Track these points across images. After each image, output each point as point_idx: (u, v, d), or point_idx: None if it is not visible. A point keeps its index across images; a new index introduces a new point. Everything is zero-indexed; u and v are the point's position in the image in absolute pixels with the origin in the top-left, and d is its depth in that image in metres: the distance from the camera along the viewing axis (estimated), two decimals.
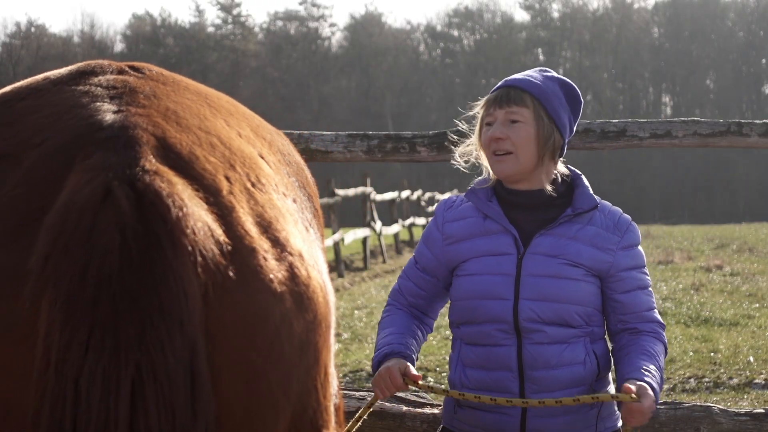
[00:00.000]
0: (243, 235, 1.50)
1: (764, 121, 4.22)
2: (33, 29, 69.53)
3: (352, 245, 21.72)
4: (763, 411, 3.92)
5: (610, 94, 73.90)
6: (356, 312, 11.72)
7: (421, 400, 3.91)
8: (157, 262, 1.37)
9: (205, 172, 1.55)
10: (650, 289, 2.95)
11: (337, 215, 19.19)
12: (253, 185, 1.61)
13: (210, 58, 71.21)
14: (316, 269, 1.63)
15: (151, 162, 1.47)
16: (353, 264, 20.03)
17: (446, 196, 3.05)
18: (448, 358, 3.08)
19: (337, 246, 17.89)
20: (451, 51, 76.13)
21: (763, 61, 74.49)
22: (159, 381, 1.34)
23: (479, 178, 3.02)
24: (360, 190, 21.40)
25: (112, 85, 1.72)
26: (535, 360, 2.83)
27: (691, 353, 8.44)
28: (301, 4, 76.22)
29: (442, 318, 11.28)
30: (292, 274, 1.54)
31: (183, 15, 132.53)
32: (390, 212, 25.36)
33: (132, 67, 1.88)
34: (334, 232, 18.42)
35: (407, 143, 4.14)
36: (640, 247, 2.97)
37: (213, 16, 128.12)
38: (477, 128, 2.97)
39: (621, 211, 2.99)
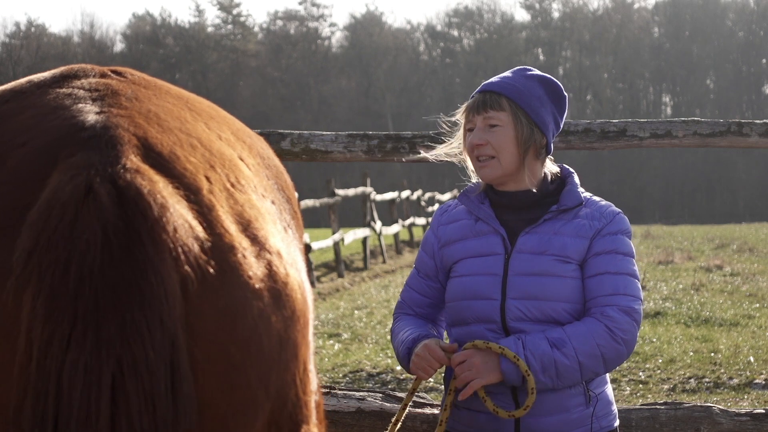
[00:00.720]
0: (222, 232, 1.53)
1: (764, 121, 4.22)
2: (33, 29, 69.51)
3: (352, 245, 21.73)
4: (763, 411, 3.92)
5: (610, 94, 73.89)
6: (356, 312, 11.72)
7: (421, 401, 3.91)
8: (138, 257, 1.40)
9: (186, 171, 1.58)
10: (628, 276, 2.84)
11: (337, 215, 19.19)
12: (233, 185, 1.65)
13: (210, 58, 71.19)
14: (295, 268, 1.66)
15: (132, 160, 1.50)
16: (353, 264, 20.03)
17: (447, 196, 3.08)
18: None
19: (337, 246, 17.88)
20: (451, 51, 76.12)
21: (763, 61, 74.48)
22: (139, 375, 1.37)
23: (471, 183, 3.04)
24: (360, 190, 21.40)
25: (95, 88, 1.76)
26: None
27: (692, 353, 8.44)
28: (300, 3, 76.23)
29: None
30: (271, 272, 1.58)
31: (183, 15, 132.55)
32: (390, 212, 25.36)
33: (114, 71, 1.92)
34: (334, 232, 18.42)
35: (407, 143, 4.14)
36: (627, 237, 2.91)
37: (213, 16, 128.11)
38: (461, 134, 2.99)
39: (612, 204, 2.97)
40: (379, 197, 23.28)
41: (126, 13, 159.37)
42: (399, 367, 8.10)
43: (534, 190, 2.90)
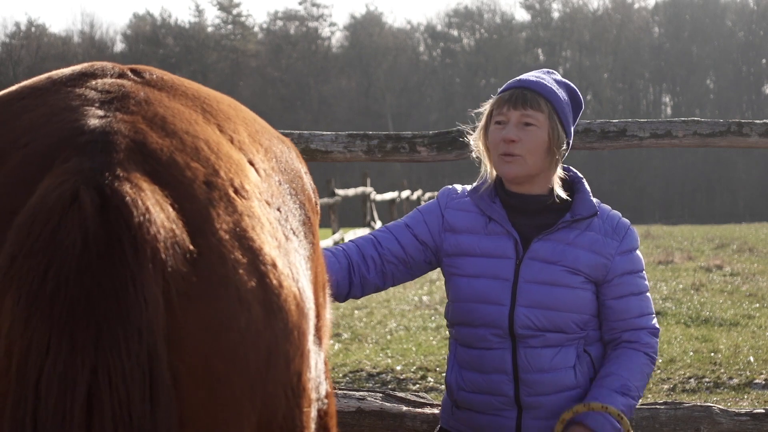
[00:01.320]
0: (213, 243, 1.51)
1: (764, 121, 4.22)
2: (33, 29, 69.50)
3: None
4: (763, 411, 3.92)
5: (610, 94, 73.88)
6: (356, 312, 11.72)
7: (421, 400, 3.91)
8: (118, 266, 1.39)
9: (183, 179, 1.56)
10: (646, 294, 2.92)
11: (337, 215, 19.20)
12: (236, 192, 1.62)
13: (210, 58, 71.20)
14: (291, 278, 1.63)
15: (123, 168, 1.49)
16: None
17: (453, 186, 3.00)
18: (447, 358, 3.06)
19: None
20: (451, 51, 76.10)
21: (763, 61, 74.47)
22: (115, 386, 1.35)
23: (478, 180, 2.99)
24: (360, 190, 21.41)
25: (107, 90, 1.74)
26: (528, 363, 2.82)
27: (691, 353, 8.44)
28: (300, 3, 76.22)
29: (442, 318, 11.26)
30: (263, 283, 1.55)
31: (183, 15, 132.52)
32: (390, 212, 25.37)
33: (133, 71, 1.90)
34: (334, 232, 18.43)
35: (407, 143, 4.14)
36: (638, 252, 2.95)
37: (213, 16, 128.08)
38: (482, 124, 2.92)
39: (620, 215, 2.97)
40: (379, 197, 23.29)
41: (126, 13, 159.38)
42: (399, 367, 8.10)
43: (546, 195, 2.88)
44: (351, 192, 21.18)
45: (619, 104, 73.84)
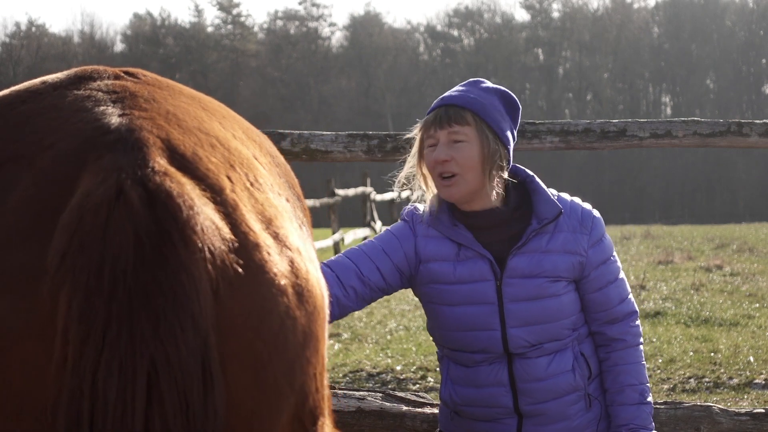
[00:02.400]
0: (247, 231, 1.56)
1: (764, 121, 4.22)
2: (33, 29, 69.48)
3: (352, 245, 21.66)
4: (763, 411, 3.92)
5: (610, 94, 73.87)
6: (356, 312, 11.72)
7: (422, 400, 3.91)
8: (170, 259, 1.43)
9: (209, 172, 1.61)
10: (621, 277, 2.90)
11: (337, 215, 19.19)
12: (252, 185, 1.67)
13: (210, 58, 71.18)
14: (313, 264, 1.70)
15: (159, 163, 1.53)
16: None
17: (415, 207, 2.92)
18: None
19: (337, 246, 17.88)
20: (451, 51, 76.09)
21: (763, 61, 74.47)
22: (173, 374, 1.39)
23: (423, 205, 2.90)
24: (360, 190, 21.40)
25: (112, 90, 1.78)
26: (525, 373, 2.81)
27: (691, 353, 8.44)
28: (300, 3, 76.21)
29: None
30: (293, 268, 1.61)
31: (183, 15, 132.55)
32: (390, 212, 25.35)
33: (126, 72, 1.94)
34: (334, 232, 18.42)
35: (407, 143, 4.13)
36: (606, 234, 2.91)
37: (213, 16, 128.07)
38: (415, 149, 2.85)
39: (580, 202, 2.91)
40: (379, 197, 23.28)
41: (126, 13, 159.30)
42: (399, 367, 8.10)
43: (502, 207, 2.81)
44: (351, 192, 21.17)
45: (619, 104, 73.82)
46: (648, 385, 2.88)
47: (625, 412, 2.82)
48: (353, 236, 19.43)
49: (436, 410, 3.83)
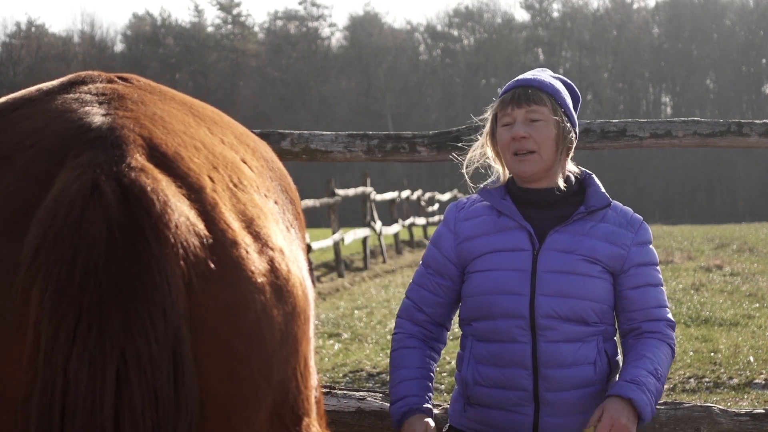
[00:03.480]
0: (225, 228, 1.58)
1: (764, 121, 4.21)
2: (33, 29, 69.48)
3: (352, 245, 21.72)
4: (763, 411, 3.92)
5: (610, 94, 73.88)
6: (356, 312, 11.72)
7: None
8: (142, 253, 1.45)
9: (190, 171, 1.63)
10: (662, 287, 2.96)
11: (337, 215, 19.19)
12: (235, 186, 1.70)
13: (210, 58, 71.18)
14: (296, 265, 1.71)
15: (137, 159, 1.55)
16: (353, 264, 20.03)
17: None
18: (456, 355, 3.05)
19: (337, 246, 17.88)
20: (451, 51, 76.10)
21: (763, 61, 74.47)
22: (142, 367, 1.41)
23: (490, 179, 3.01)
24: (360, 190, 21.40)
25: (101, 92, 1.81)
26: (549, 358, 2.82)
27: (691, 353, 8.44)
28: (300, 3, 76.22)
29: None
30: (273, 267, 1.63)
31: (183, 15, 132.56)
32: (390, 212, 25.36)
33: (121, 78, 1.97)
34: (334, 232, 18.42)
35: (407, 143, 4.14)
36: (652, 246, 2.98)
37: (213, 15, 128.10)
38: (487, 129, 2.96)
39: (632, 210, 3.01)
40: (379, 197, 23.28)
41: (126, 13, 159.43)
42: None
43: (558, 188, 2.90)
44: (351, 192, 21.16)
45: (619, 104, 73.83)
46: (664, 376, 2.85)
47: (635, 371, 2.78)
48: (353, 236, 19.43)
49: (436, 410, 3.83)
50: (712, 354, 8.41)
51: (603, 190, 2.96)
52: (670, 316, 2.95)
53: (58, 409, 1.37)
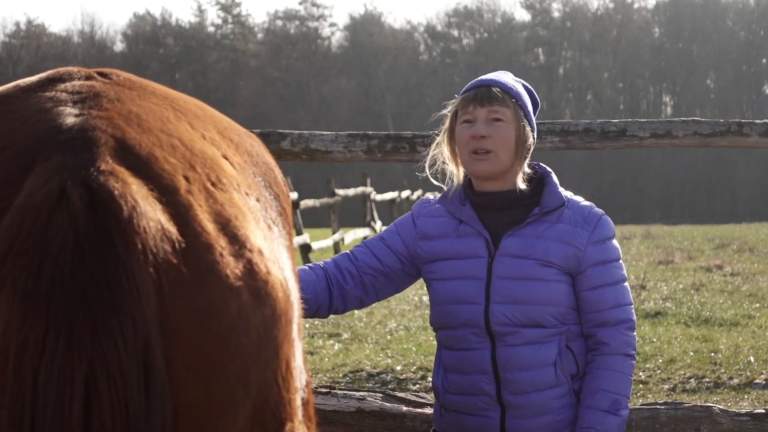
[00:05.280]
0: (199, 232, 1.54)
1: (764, 121, 4.21)
2: (33, 29, 69.50)
3: (352, 245, 21.66)
4: (763, 411, 3.92)
5: (610, 94, 73.89)
6: (356, 312, 11.72)
7: (422, 401, 3.90)
8: (110, 260, 1.41)
9: (164, 172, 1.59)
10: (623, 284, 2.90)
11: (337, 215, 19.19)
12: (213, 185, 1.65)
13: (210, 58, 71.19)
14: (277, 266, 1.67)
15: (107, 163, 1.51)
16: None
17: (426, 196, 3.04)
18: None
19: (337, 246, 17.88)
20: (451, 51, 76.11)
21: (764, 60, 74.48)
22: (112, 377, 1.38)
23: (449, 186, 2.99)
24: (360, 190, 21.41)
25: (77, 91, 1.76)
26: (507, 362, 2.82)
27: (692, 353, 8.44)
28: (301, 3, 76.22)
29: None
30: (250, 270, 1.58)
31: (183, 15, 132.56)
32: (390, 212, 25.37)
33: (100, 73, 1.92)
34: (334, 232, 18.42)
35: (407, 143, 4.14)
36: (613, 241, 2.92)
37: (213, 15, 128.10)
38: (446, 126, 2.94)
39: (593, 206, 2.95)
40: (379, 197, 23.29)
41: (126, 13, 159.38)
42: (399, 367, 8.10)
43: (518, 190, 2.88)
44: (351, 192, 21.17)
45: (619, 104, 73.85)
46: (625, 398, 2.82)
47: (591, 416, 2.79)
48: (353, 236, 19.43)
49: (428, 410, 3.83)
50: (713, 354, 8.40)
51: (559, 189, 2.92)
52: (628, 314, 2.88)
53: (27, 422, 1.34)
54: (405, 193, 27.80)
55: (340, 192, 20.00)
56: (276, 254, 1.69)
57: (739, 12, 75.43)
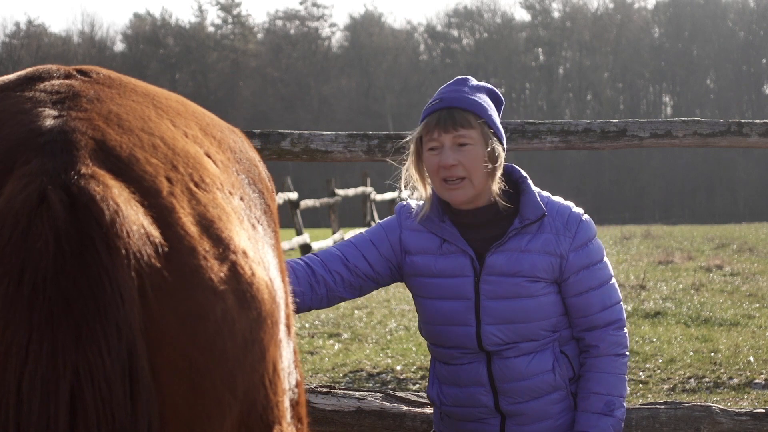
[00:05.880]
0: (182, 235, 1.51)
1: (764, 121, 4.22)
2: (33, 29, 69.48)
3: None
4: (763, 411, 3.92)
5: (610, 94, 73.85)
6: (356, 312, 11.71)
7: (422, 400, 3.91)
8: (92, 265, 1.38)
9: (145, 174, 1.56)
10: (609, 283, 2.87)
11: (337, 215, 19.20)
12: (196, 185, 1.62)
13: (210, 58, 71.16)
14: (262, 266, 1.64)
15: (87, 166, 1.48)
16: None
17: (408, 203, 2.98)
18: None
19: None
20: (451, 51, 76.09)
21: (763, 61, 74.46)
22: (97, 384, 1.35)
23: (417, 209, 2.92)
24: (360, 190, 21.40)
25: (56, 90, 1.73)
26: (504, 374, 2.81)
27: (691, 353, 8.44)
28: (301, 3, 76.22)
29: None
30: (235, 273, 1.56)
31: (183, 15, 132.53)
32: (390, 212, 25.36)
33: (79, 71, 1.89)
34: (334, 232, 18.42)
35: (406, 146, 4.14)
36: (594, 241, 2.88)
37: (213, 15, 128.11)
38: (412, 150, 2.85)
39: (571, 206, 2.90)
40: (379, 197, 23.28)
41: (126, 13, 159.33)
42: (399, 367, 8.10)
43: (492, 205, 2.82)
44: (351, 192, 21.17)
45: (619, 104, 73.82)
46: (620, 398, 2.82)
47: (586, 420, 2.79)
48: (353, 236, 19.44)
49: (428, 410, 3.83)
50: (712, 354, 8.40)
51: (537, 197, 2.84)
52: (616, 314, 2.86)
53: (12, 431, 1.32)
54: (405, 193, 27.80)
55: (340, 192, 20.00)
56: (261, 254, 1.67)
57: (739, 12, 75.41)
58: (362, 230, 13.73)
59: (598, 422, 2.78)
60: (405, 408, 3.84)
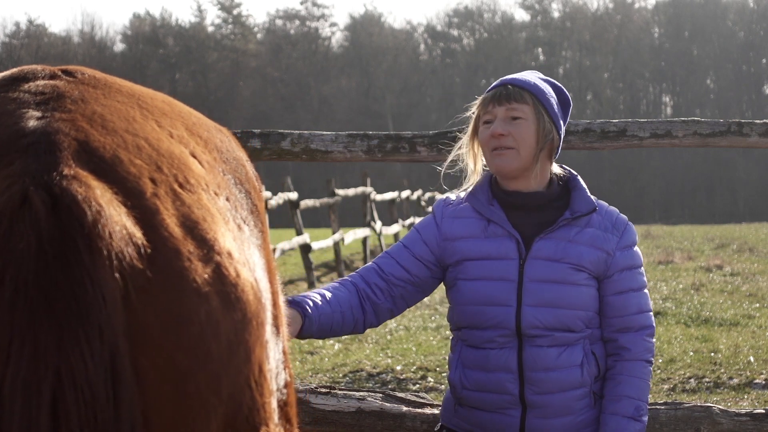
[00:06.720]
0: (166, 237, 1.51)
1: (764, 121, 4.21)
2: (33, 29, 69.50)
3: (352, 245, 21.71)
4: (763, 411, 3.92)
5: (610, 94, 73.88)
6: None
7: (421, 401, 3.90)
8: (74, 266, 1.37)
9: (129, 175, 1.55)
10: (645, 290, 2.94)
11: (337, 215, 19.18)
12: (181, 186, 1.62)
13: (210, 58, 71.17)
14: (248, 267, 1.63)
15: (70, 167, 1.47)
16: (353, 264, 20.04)
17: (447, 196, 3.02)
18: (447, 358, 3.06)
19: (337, 246, 17.88)
20: (451, 51, 76.11)
21: (763, 61, 74.47)
22: (79, 387, 1.34)
23: (466, 184, 3.00)
24: (360, 190, 21.39)
25: (41, 91, 1.73)
26: (535, 362, 2.82)
27: (692, 353, 8.44)
28: (302, 3, 76.23)
29: (442, 318, 11.25)
30: (219, 274, 1.55)
31: (183, 15, 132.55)
32: (390, 212, 25.35)
33: (64, 71, 1.88)
34: (334, 232, 18.42)
35: (407, 143, 4.14)
36: (637, 248, 2.97)
37: (213, 15, 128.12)
38: (471, 127, 2.96)
39: (618, 210, 2.99)
40: (379, 197, 23.27)
41: (126, 13, 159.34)
42: (399, 367, 8.10)
43: (543, 192, 2.89)
44: (351, 192, 21.16)
45: (619, 104, 73.85)
46: (646, 404, 2.86)
47: (616, 423, 2.81)
48: (353, 236, 19.43)
49: (436, 411, 3.83)
50: (713, 354, 8.40)
51: (588, 193, 2.94)
52: (651, 321, 2.93)
53: None
54: (405, 193, 27.79)
55: (340, 192, 19.99)
56: (246, 255, 1.66)
57: (739, 12, 75.42)
58: (362, 230, 13.69)
59: (628, 426, 2.81)
60: (405, 408, 3.84)
